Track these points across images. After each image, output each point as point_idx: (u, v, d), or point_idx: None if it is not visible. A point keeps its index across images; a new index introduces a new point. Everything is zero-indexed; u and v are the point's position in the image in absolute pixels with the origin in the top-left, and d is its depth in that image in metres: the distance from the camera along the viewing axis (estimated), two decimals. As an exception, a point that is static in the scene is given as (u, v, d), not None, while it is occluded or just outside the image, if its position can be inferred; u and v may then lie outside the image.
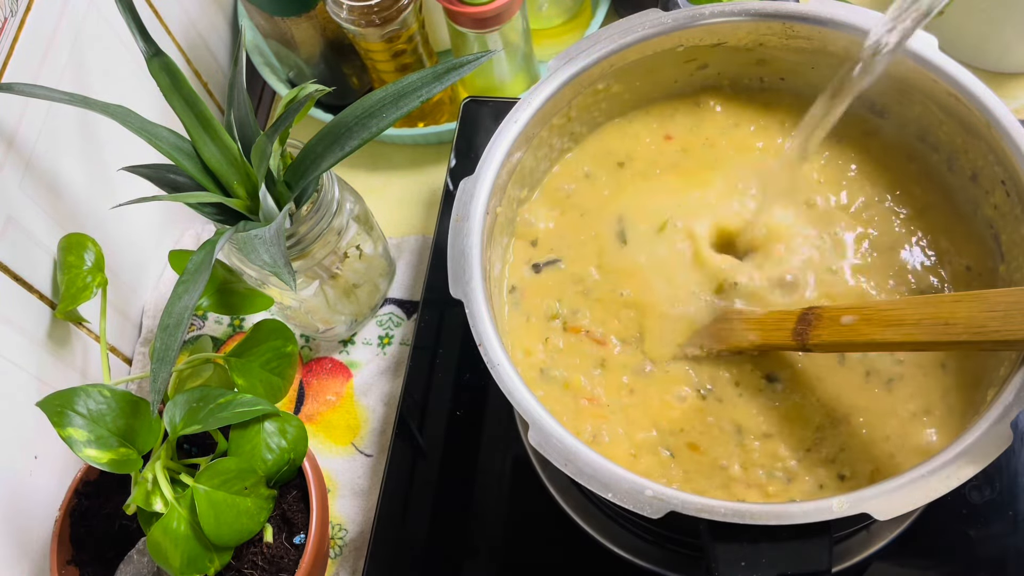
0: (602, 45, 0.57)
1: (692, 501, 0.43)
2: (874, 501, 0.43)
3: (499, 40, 0.71)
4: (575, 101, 0.58)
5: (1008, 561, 0.57)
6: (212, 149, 0.56)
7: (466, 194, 0.53)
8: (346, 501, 0.66)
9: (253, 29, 0.81)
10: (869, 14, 0.55)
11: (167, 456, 0.53)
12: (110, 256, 0.65)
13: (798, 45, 0.57)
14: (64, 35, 0.62)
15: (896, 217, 0.57)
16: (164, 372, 0.49)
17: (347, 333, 0.72)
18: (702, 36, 0.58)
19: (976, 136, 0.53)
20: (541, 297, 0.56)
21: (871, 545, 0.57)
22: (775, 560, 0.43)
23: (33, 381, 0.59)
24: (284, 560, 0.56)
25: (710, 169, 0.59)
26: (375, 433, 0.69)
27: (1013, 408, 0.44)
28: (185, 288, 0.51)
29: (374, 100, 0.55)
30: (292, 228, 0.59)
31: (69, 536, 0.57)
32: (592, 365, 0.54)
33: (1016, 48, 0.75)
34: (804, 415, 0.52)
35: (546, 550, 0.61)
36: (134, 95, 0.66)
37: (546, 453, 0.46)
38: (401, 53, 0.75)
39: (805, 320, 0.51)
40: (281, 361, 0.59)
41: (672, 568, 0.57)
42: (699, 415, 0.52)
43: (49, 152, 0.61)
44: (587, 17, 0.82)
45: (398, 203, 0.78)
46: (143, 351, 0.71)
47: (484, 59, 0.55)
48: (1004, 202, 0.53)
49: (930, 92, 0.55)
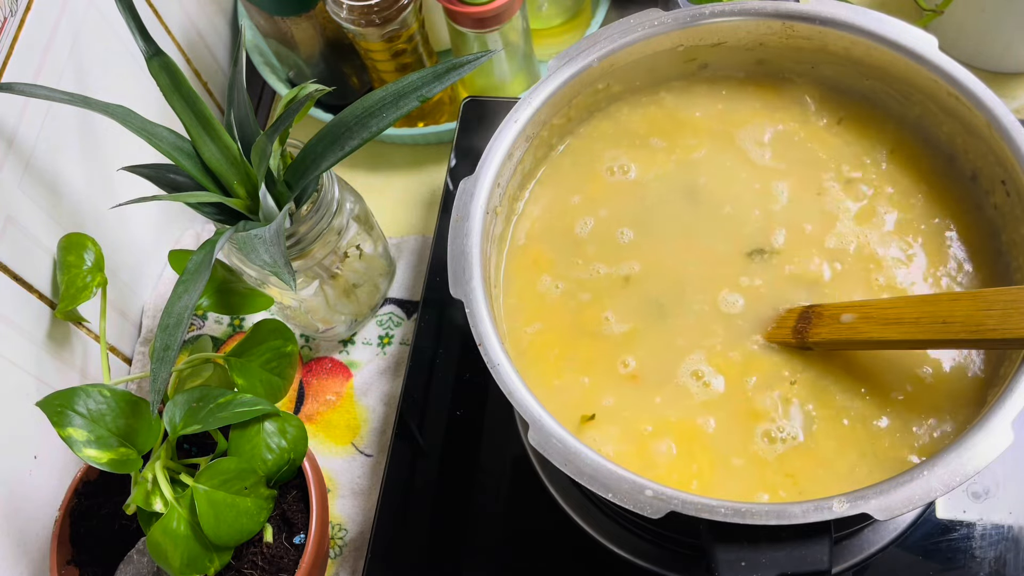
0: (602, 45, 0.57)
1: (692, 501, 0.43)
2: (874, 501, 0.43)
3: (499, 40, 0.71)
4: (575, 101, 0.58)
5: (1008, 561, 0.57)
6: (212, 149, 0.56)
7: (466, 194, 0.53)
8: (346, 501, 0.66)
9: (253, 29, 0.81)
10: (869, 14, 0.55)
11: (167, 456, 0.53)
12: (110, 256, 0.65)
13: (798, 45, 0.57)
14: (64, 35, 0.62)
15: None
16: (164, 372, 0.49)
17: (347, 333, 0.72)
18: (702, 36, 0.58)
19: (976, 136, 0.53)
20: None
21: (871, 545, 0.57)
22: (775, 560, 0.43)
23: (33, 381, 0.59)
24: (284, 560, 0.56)
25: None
26: (375, 433, 0.69)
27: (1013, 408, 0.44)
28: (185, 288, 0.51)
29: (374, 100, 0.55)
30: (292, 228, 0.59)
31: (69, 536, 0.57)
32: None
33: (1016, 48, 0.75)
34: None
35: (546, 550, 0.61)
36: (134, 95, 0.66)
37: (546, 453, 0.46)
38: (401, 53, 0.75)
39: (805, 318, 0.51)
40: (281, 361, 0.59)
41: (672, 568, 0.57)
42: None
43: (49, 152, 0.61)
44: (587, 17, 0.82)
45: (398, 203, 0.78)
46: (143, 351, 0.71)
47: (484, 59, 0.55)
48: (1004, 202, 0.53)
49: (930, 92, 0.55)
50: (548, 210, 0.59)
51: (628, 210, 0.58)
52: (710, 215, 0.57)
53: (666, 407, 0.52)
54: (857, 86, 0.58)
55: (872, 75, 0.57)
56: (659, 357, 0.54)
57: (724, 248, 0.56)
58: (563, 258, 0.57)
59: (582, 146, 0.61)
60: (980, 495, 0.59)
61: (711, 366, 0.53)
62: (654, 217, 0.58)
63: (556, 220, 0.59)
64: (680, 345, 0.54)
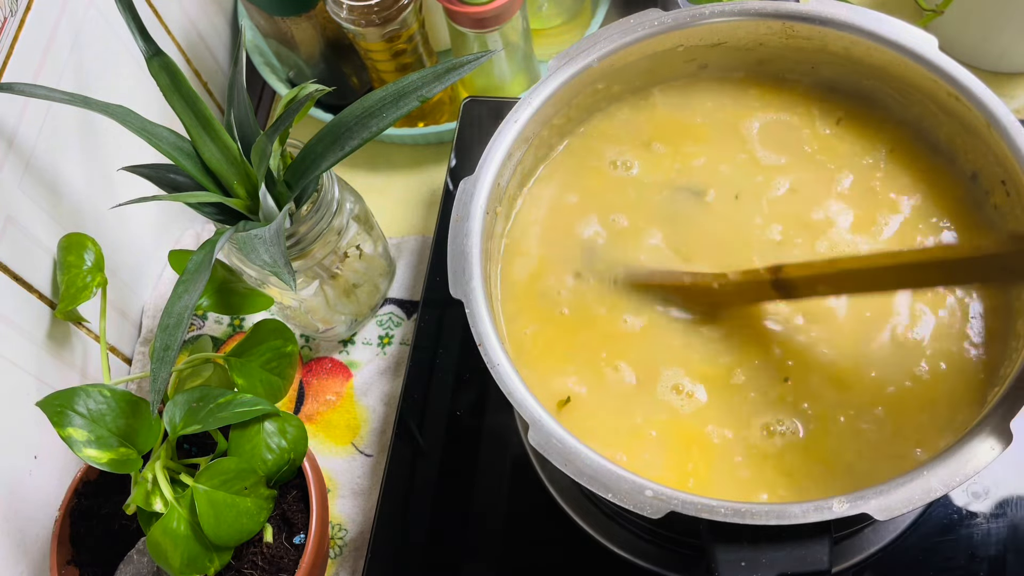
0: (602, 45, 0.57)
1: (692, 501, 0.43)
2: (874, 501, 0.43)
3: (499, 40, 0.71)
4: (575, 101, 0.58)
5: (1008, 562, 0.57)
6: (212, 149, 0.56)
7: (466, 194, 0.53)
8: (346, 501, 0.66)
9: (253, 29, 0.81)
10: (869, 14, 0.55)
11: (167, 456, 0.53)
12: (110, 256, 0.65)
13: (798, 45, 0.57)
14: (64, 35, 0.62)
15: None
16: (164, 372, 0.49)
17: (347, 333, 0.72)
18: (702, 36, 0.58)
19: (976, 136, 0.53)
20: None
21: (871, 545, 0.57)
22: (775, 560, 0.43)
23: (33, 381, 0.59)
24: (284, 560, 0.56)
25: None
26: (375, 433, 0.69)
27: (1013, 408, 0.44)
28: (185, 288, 0.51)
29: (374, 100, 0.55)
30: (292, 228, 0.59)
31: (69, 536, 0.57)
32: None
33: (1016, 48, 0.75)
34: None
35: (546, 550, 0.61)
36: (134, 95, 0.66)
37: (546, 453, 0.46)
38: (401, 53, 0.75)
39: (776, 270, 0.52)
40: (281, 361, 0.59)
41: (672, 568, 0.57)
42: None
43: (49, 152, 0.61)
44: (587, 17, 0.82)
45: (398, 203, 0.78)
46: (143, 351, 0.71)
47: (484, 59, 0.55)
48: (1004, 202, 0.53)
49: (930, 92, 0.55)
50: (548, 210, 0.59)
51: (628, 210, 0.58)
52: (710, 215, 0.57)
53: (665, 406, 0.52)
54: (857, 86, 0.58)
55: (872, 75, 0.57)
56: (659, 356, 0.54)
57: (725, 247, 0.56)
58: (564, 258, 0.57)
59: (582, 146, 0.61)
60: (980, 495, 0.59)
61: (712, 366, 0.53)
62: (655, 216, 0.58)
63: (556, 220, 0.59)
64: (680, 344, 0.54)
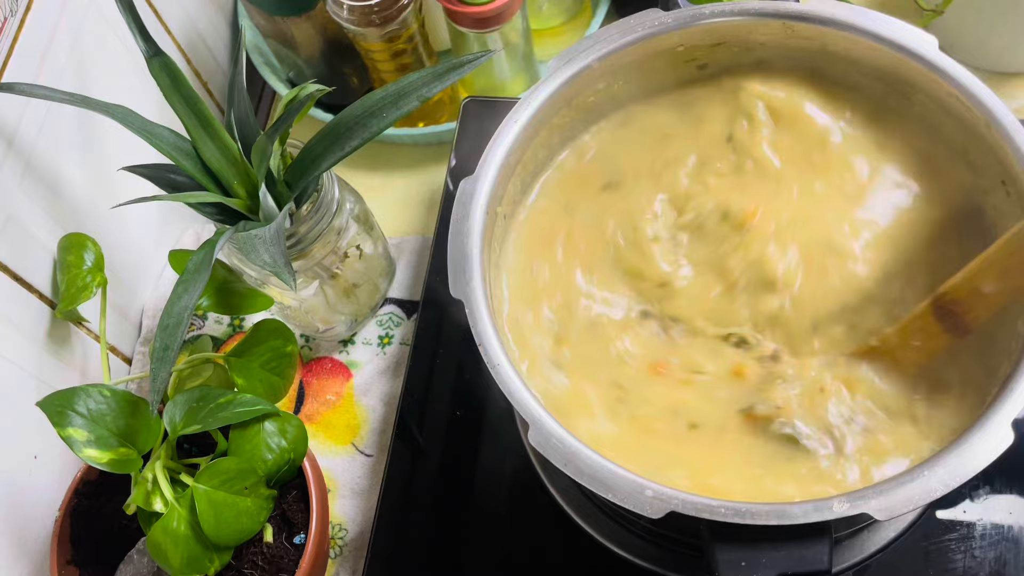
0: (602, 45, 0.56)
1: (692, 501, 0.43)
2: (874, 501, 0.43)
3: (499, 40, 0.71)
4: (575, 101, 0.58)
5: (1008, 561, 0.57)
6: (212, 149, 0.56)
7: (466, 194, 0.53)
8: (346, 501, 0.66)
9: (253, 29, 0.81)
10: (869, 14, 0.55)
11: (167, 456, 0.53)
12: (110, 256, 0.65)
13: (798, 45, 0.57)
14: (64, 35, 0.62)
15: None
16: (164, 372, 0.49)
17: (347, 333, 0.72)
18: (702, 36, 0.58)
19: (976, 136, 0.53)
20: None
21: (871, 545, 0.57)
22: (775, 560, 0.43)
23: (33, 381, 0.59)
24: (284, 560, 0.56)
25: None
26: (375, 433, 0.69)
27: (1013, 408, 0.44)
28: (185, 288, 0.51)
29: (374, 100, 0.55)
30: (292, 228, 0.59)
31: (69, 536, 0.57)
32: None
33: (1016, 48, 0.75)
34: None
35: (546, 550, 0.61)
36: (134, 95, 0.66)
37: (546, 453, 0.46)
38: (401, 53, 0.75)
39: (945, 313, 0.49)
40: (281, 361, 0.59)
41: (672, 568, 0.57)
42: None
43: (49, 152, 0.61)
44: (587, 17, 0.82)
45: (398, 203, 0.78)
46: (143, 351, 0.71)
47: (484, 59, 0.55)
48: (1004, 202, 0.53)
49: (930, 92, 0.55)
50: (548, 209, 0.59)
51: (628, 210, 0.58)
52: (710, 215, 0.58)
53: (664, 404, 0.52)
54: (857, 86, 0.58)
55: (872, 75, 0.57)
56: (658, 357, 0.54)
57: (725, 247, 0.56)
58: (564, 257, 0.57)
59: (582, 145, 0.61)
60: (980, 495, 0.59)
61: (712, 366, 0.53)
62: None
63: (556, 220, 0.59)
64: (679, 344, 0.54)
